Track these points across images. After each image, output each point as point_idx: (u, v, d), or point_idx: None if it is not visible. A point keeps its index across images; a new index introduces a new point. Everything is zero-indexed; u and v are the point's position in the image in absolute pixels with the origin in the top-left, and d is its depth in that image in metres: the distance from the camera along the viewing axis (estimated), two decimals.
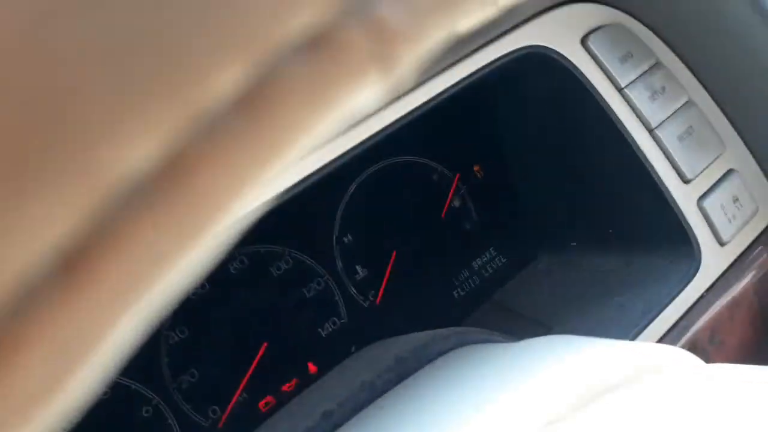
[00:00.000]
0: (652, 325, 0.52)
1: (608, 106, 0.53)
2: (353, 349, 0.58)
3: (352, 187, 0.59)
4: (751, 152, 0.59)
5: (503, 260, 0.67)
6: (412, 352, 0.47)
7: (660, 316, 0.52)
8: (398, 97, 0.46)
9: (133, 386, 0.50)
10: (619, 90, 0.54)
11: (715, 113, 0.57)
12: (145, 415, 0.51)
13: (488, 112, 0.64)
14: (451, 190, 0.65)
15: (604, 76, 0.54)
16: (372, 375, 0.46)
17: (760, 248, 0.58)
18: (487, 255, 0.67)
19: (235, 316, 0.54)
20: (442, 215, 0.64)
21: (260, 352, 0.54)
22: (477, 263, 0.66)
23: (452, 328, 0.50)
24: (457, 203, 0.66)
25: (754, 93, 0.56)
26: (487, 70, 0.51)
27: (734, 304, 0.56)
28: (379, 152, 0.61)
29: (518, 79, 0.58)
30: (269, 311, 0.56)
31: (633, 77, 0.55)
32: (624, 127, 0.53)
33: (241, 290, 0.55)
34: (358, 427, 0.42)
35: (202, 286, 0.54)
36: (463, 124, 0.65)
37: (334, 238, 0.59)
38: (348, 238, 0.60)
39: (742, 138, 0.59)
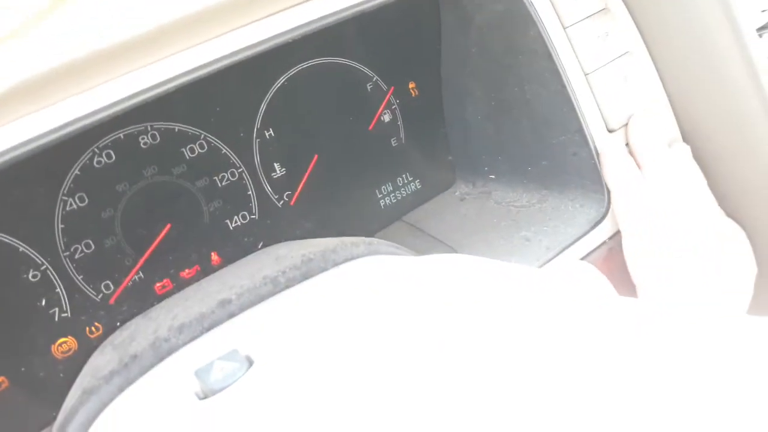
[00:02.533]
0: (553, 261, 0.54)
1: (551, 41, 0.53)
2: (261, 245, 0.57)
3: (282, 80, 0.57)
4: (675, 113, 0.60)
5: (421, 183, 0.68)
6: (319, 254, 0.46)
7: (562, 254, 0.54)
8: None
9: (21, 248, 0.48)
10: (564, 28, 0.54)
11: (648, 67, 0.58)
12: (32, 279, 0.48)
13: (432, 29, 0.62)
14: (383, 103, 0.64)
15: (553, 11, 0.53)
16: (276, 271, 0.46)
17: None
18: (407, 176, 0.67)
19: (140, 192, 0.52)
20: (370, 127, 0.63)
21: (162, 233, 0.52)
22: (396, 182, 0.66)
23: (362, 237, 0.50)
24: (387, 118, 0.64)
25: (688, 54, 0.57)
26: None
27: None
28: (315, 48, 0.59)
29: None
30: (177, 194, 0.53)
31: (580, 17, 0.54)
32: (563, 66, 0.53)
33: (149, 167, 0.52)
34: (251, 318, 0.42)
35: (108, 156, 0.51)
36: (406, 39, 0.63)
37: (255, 130, 0.57)
38: (269, 133, 0.57)
39: (669, 96, 0.60)
